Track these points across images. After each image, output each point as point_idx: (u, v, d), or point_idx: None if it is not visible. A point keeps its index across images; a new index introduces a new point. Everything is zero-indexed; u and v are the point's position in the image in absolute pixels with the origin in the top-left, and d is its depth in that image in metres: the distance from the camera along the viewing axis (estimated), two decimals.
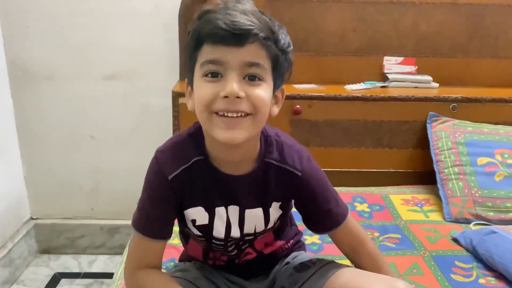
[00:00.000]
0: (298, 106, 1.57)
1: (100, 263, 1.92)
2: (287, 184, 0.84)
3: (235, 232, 0.86)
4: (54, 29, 1.71)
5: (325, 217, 0.87)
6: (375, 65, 1.73)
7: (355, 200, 1.50)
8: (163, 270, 1.07)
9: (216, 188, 0.82)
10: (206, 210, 0.84)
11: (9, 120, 1.79)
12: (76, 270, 1.87)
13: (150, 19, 1.71)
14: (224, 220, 0.84)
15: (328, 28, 1.68)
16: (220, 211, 0.84)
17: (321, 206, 0.86)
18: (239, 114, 0.72)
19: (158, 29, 1.72)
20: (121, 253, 1.36)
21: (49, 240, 1.95)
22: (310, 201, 0.86)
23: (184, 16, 1.64)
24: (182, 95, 1.57)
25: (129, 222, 1.93)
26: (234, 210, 0.84)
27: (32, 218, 1.95)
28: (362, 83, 1.70)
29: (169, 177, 0.80)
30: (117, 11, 1.70)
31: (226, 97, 0.70)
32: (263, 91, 0.73)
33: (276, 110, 0.80)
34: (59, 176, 1.89)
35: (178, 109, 1.58)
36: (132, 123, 1.83)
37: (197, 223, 0.85)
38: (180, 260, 1.04)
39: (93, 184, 1.92)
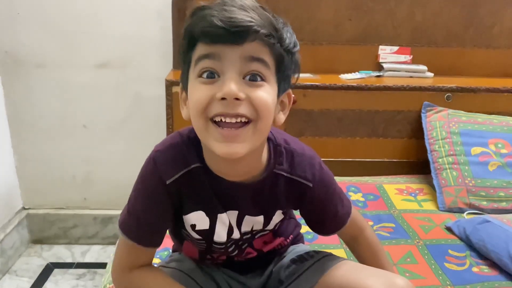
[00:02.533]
0: (292, 95, 1.56)
1: (93, 253, 1.91)
2: (297, 195, 0.79)
3: (236, 234, 0.82)
4: (45, 16, 1.68)
5: (332, 221, 0.85)
6: (370, 54, 1.72)
7: (350, 190, 1.50)
8: (157, 260, 1.06)
9: (217, 194, 0.76)
10: (207, 215, 0.78)
11: None
12: (69, 260, 1.86)
13: (143, 6, 1.69)
14: (227, 225, 0.79)
15: (323, 17, 1.67)
16: (222, 217, 0.78)
17: (329, 211, 0.83)
18: (238, 120, 0.64)
19: (151, 17, 1.70)
20: (114, 243, 1.35)
21: (42, 230, 1.94)
22: (319, 208, 0.83)
23: (178, 3, 1.62)
24: (175, 83, 1.55)
25: None
26: (232, 213, 0.79)
27: (24, 208, 1.94)
28: (357, 73, 1.69)
29: (167, 182, 0.73)
30: None
31: (223, 99, 0.62)
32: (266, 93, 0.65)
33: (282, 118, 0.72)
34: (51, 165, 1.88)
35: (171, 98, 1.56)
36: (125, 112, 1.81)
37: (197, 228, 0.79)
38: (173, 250, 1.00)
39: (86, 173, 1.90)
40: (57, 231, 1.94)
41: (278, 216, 0.83)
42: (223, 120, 0.64)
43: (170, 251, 1.07)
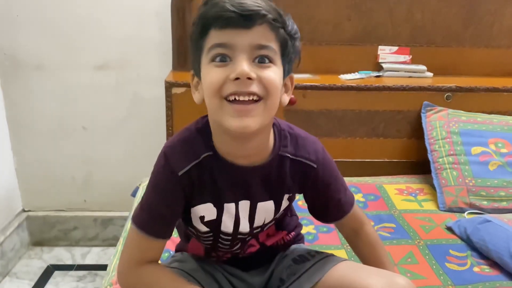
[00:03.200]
0: (292, 96, 1.55)
1: (93, 255, 1.91)
2: (302, 176, 0.83)
3: (244, 227, 0.84)
4: (44, 18, 1.68)
5: (334, 207, 0.88)
6: (369, 55, 1.72)
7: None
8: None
9: (227, 182, 0.79)
10: (214, 206, 0.81)
11: None
12: (69, 262, 1.86)
13: (142, 7, 1.69)
14: (233, 215, 0.82)
15: (322, 17, 1.67)
16: (229, 207, 0.81)
17: (332, 197, 0.87)
18: (250, 98, 0.69)
19: (150, 18, 1.70)
20: (114, 245, 1.35)
21: (42, 232, 1.94)
22: (322, 191, 0.86)
23: (176, 4, 1.62)
24: (175, 85, 1.55)
25: (123, 213, 1.93)
26: (245, 205, 0.82)
27: (24, 210, 1.93)
28: (356, 73, 1.69)
29: (179, 173, 0.77)
30: None
31: (237, 79, 0.68)
32: (274, 73, 0.71)
33: (286, 98, 0.78)
34: (51, 167, 1.87)
35: (171, 99, 1.56)
36: (124, 113, 1.81)
37: (205, 220, 0.82)
38: (177, 250, 1.01)
39: (86, 175, 1.90)
40: (57, 233, 1.94)
41: (285, 202, 0.86)
42: (237, 98, 0.69)
43: (171, 252, 1.07)
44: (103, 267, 1.76)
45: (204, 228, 0.84)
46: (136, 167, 1.80)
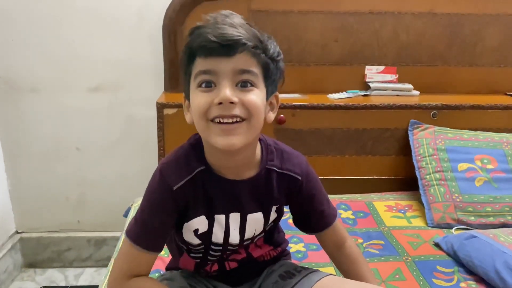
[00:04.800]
0: (281, 115, 1.59)
1: (87, 275, 1.91)
2: (288, 188, 0.88)
3: (234, 238, 0.87)
4: (38, 42, 1.72)
5: (318, 218, 0.92)
6: (357, 74, 1.76)
7: (340, 207, 1.52)
8: None
9: (219, 195, 0.84)
10: (206, 218, 0.85)
11: None
12: (62, 283, 1.86)
13: (134, 31, 1.73)
14: (223, 226, 0.86)
15: (310, 38, 1.71)
16: (219, 218, 0.85)
17: (316, 208, 0.91)
18: (234, 120, 0.74)
19: (142, 41, 1.74)
20: (107, 265, 1.35)
21: (35, 253, 1.94)
22: (307, 202, 0.91)
23: (168, 27, 1.66)
24: (167, 106, 1.58)
25: (116, 234, 1.93)
26: (235, 217, 0.86)
27: (17, 232, 1.94)
28: (344, 92, 1.73)
29: (174, 188, 0.81)
30: (100, 23, 1.71)
31: (220, 103, 0.73)
32: (256, 96, 0.75)
33: (272, 116, 0.83)
34: (45, 188, 1.89)
35: (163, 120, 1.59)
36: (117, 135, 1.84)
37: (199, 232, 0.86)
38: (167, 269, 1.04)
39: (79, 196, 1.91)
40: (51, 254, 1.94)
41: (274, 213, 0.90)
42: (221, 121, 0.74)
43: (161, 272, 1.09)
44: None
45: (196, 241, 0.87)
46: (129, 188, 1.82)
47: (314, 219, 0.93)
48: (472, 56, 1.77)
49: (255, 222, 0.88)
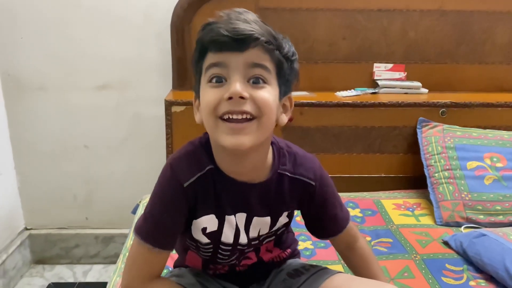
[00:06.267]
0: (293, 101, 1.59)
1: (95, 272, 1.92)
2: (301, 194, 0.85)
3: (243, 238, 0.85)
4: (47, 40, 1.72)
5: (331, 223, 0.90)
6: (365, 72, 1.75)
7: (347, 206, 1.52)
8: None
9: (228, 196, 0.81)
10: (216, 217, 0.83)
11: (2, 131, 1.80)
12: (70, 280, 1.87)
13: (141, 29, 1.73)
14: (234, 226, 0.84)
15: (318, 36, 1.71)
16: (230, 219, 0.83)
17: (329, 212, 0.89)
18: (244, 116, 0.71)
19: (150, 39, 1.74)
20: (115, 262, 1.36)
21: (44, 250, 1.95)
22: (320, 208, 0.88)
23: (176, 25, 1.66)
24: (175, 104, 1.58)
25: (123, 231, 1.94)
26: (241, 216, 0.84)
27: (26, 229, 1.95)
28: (352, 90, 1.72)
29: (185, 184, 0.78)
30: (108, 22, 1.71)
31: (230, 98, 0.70)
32: (268, 93, 0.72)
33: (285, 119, 0.80)
34: (53, 186, 1.90)
35: (171, 118, 1.59)
36: (125, 133, 1.84)
37: (207, 231, 0.84)
38: (175, 266, 1.03)
39: (87, 193, 1.92)
40: (59, 251, 1.96)
41: (283, 218, 0.88)
42: (231, 117, 0.71)
43: (170, 269, 1.09)
44: (104, 285, 1.76)
45: (205, 240, 0.85)
46: (136, 185, 1.83)
47: (327, 224, 0.90)
48: (482, 53, 1.76)
49: (261, 224, 0.86)
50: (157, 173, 0.82)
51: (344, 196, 1.56)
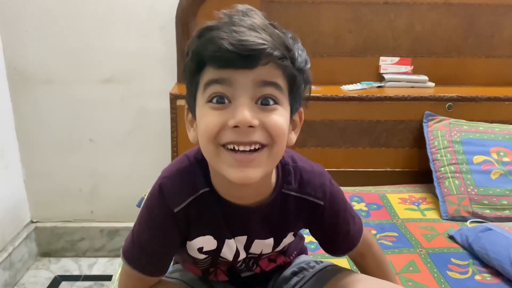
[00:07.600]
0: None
1: (100, 265, 1.93)
2: (307, 214, 0.77)
3: (242, 255, 0.80)
4: (52, 34, 1.72)
5: (344, 240, 0.82)
6: (371, 66, 1.74)
7: (353, 200, 1.51)
8: None
9: (225, 220, 0.73)
10: (215, 238, 0.75)
11: (8, 124, 1.80)
12: (76, 272, 1.88)
13: (146, 22, 1.72)
14: (234, 249, 0.78)
15: (323, 29, 1.69)
16: (230, 242, 0.76)
17: (340, 230, 0.80)
18: (252, 147, 0.60)
19: (154, 32, 1.73)
20: (120, 255, 1.36)
21: (49, 243, 1.96)
22: (330, 226, 0.80)
23: (181, 18, 1.66)
24: (180, 97, 1.58)
25: (129, 224, 1.94)
26: (241, 239, 0.77)
27: (32, 222, 1.96)
28: (358, 84, 1.71)
29: (175, 210, 0.70)
30: (113, 15, 1.71)
31: (236, 126, 0.59)
32: (281, 117, 0.61)
33: (293, 138, 0.70)
34: (59, 179, 1.91)
35: (176, 111, 1.59)
36: (130, 126, 1.85)
37: (204, 250, 0.77)
38: (175, 262, 0.98)
39: (93, 187, 1.93)
40: (65, 244, 1.97)
41: (289, 238, 0.81)
42: (237, 148, 0.60)
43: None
44: (109, 278, 1.78)
45: (202, 256, 0.79)
46: (142, 179, 1.82)
47: (339, 242, 0.82)
48: (489, 47, 1.74)
49: (263, 245, 0.79)
50: (162, 166, 0.76)
51: (349, 190, 1.56)
